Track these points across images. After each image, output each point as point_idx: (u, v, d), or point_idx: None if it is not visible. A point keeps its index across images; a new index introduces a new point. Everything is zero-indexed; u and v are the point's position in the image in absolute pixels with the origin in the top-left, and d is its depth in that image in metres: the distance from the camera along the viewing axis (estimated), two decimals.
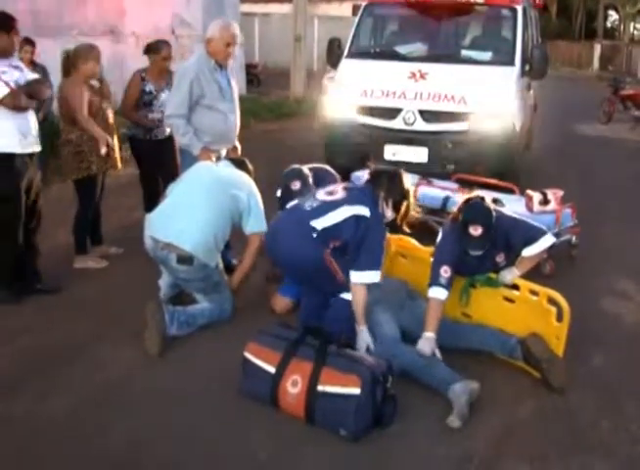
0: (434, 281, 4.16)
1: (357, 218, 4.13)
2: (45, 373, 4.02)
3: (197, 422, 3.59)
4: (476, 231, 4.17)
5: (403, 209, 4.38)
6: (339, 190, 4.32)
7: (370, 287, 4.16)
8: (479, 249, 4.25)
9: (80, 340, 4.43)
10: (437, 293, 4.12)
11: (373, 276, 4.12)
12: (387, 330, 4.20)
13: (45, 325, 4.63)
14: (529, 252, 4.35)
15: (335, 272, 4.19)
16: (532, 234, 4.38)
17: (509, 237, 4.36)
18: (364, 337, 4.13)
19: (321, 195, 4.33)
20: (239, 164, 5.04)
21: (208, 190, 4.67)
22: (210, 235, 4.52)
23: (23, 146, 4.73)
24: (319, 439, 3.45)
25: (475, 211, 4.28)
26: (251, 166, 5.10)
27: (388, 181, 4.34)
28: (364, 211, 4.15)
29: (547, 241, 4.36)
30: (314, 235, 4.13)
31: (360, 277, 4.12)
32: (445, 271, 4.15)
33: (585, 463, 3.36)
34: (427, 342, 4.00)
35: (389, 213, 4.33)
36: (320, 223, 4.14)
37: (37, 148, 4.88)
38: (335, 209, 4.17)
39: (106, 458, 3.28)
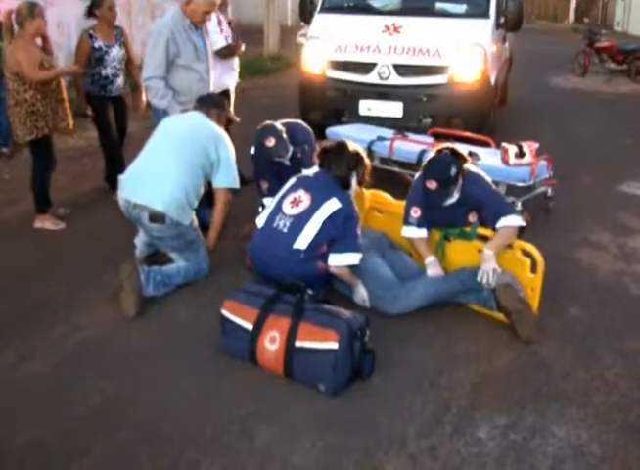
0: (406, 221, 4.53)
1: (332, 215, 4.07)
2: (24, 336, 3.99)
3: (176, 380, 3.60)
4: (430, 185, 4.25)
5: (362, 171, 4.35)
6: (302, 194, 4.18)
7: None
8: (436, 201, 4.34)
9: (57, 302, 4.40)
10: (409, 232, 4.53)
11: (352, 258, 4.12)
12: (384, 273, 4.35)
13: (21, 287, 4.59)
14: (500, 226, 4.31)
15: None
16: (502, 211, 4.30)
17: (481, 208, 4.39)
18: (361, 293, 4.28)
19: (287, 208, 4.16)
20: (209, 102, 4.90)
21: (177, 146, 4.59)
22: (182, 192, 4.46)
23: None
24: (298, 394, 3.47)
25: (432, 166, 4.33)
26: (223, 101, 5.01)
27: (334, 156, 4.28)
28: (334, 204, 4.08)
29: (512, 220, 4.27)
30: (302, 256, 4.04)
31: (340, 260, 4.10)
32: (415, 212, 4.47)
33: (561, 412, 3.41)
34: (431, 265, 4.40)
35: (355, 185, 4.33)
36: (302, 243, 4.03)
37: None
38: (308, 220, 4.06)
39: (87, 419, 3.28)
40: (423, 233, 4.50)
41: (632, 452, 3.13)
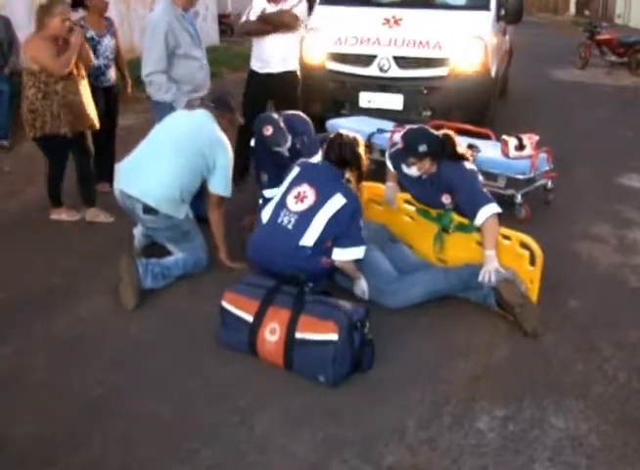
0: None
1: (337, 213, 4.04)
2: (23, 327, 4.00)
3: (175, 372, 3.61)
4: (400, 143, 4.45)
5: (364, 167, 4.37)
6: (306, 189, 4.14)
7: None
8: (396, 158, 4.63)
9: (57, 294, 4.41)
10: (388, 161, 4.86)
11: (357, 252, 4.10)
12: (384, 267, 4.36)
13: (20, 279, 4.60)
14: (478, 222, 4.26)
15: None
16: (476, 201, 4.24)
17: (454, 192, 4.36)
18: (361, 285, 4.29)
19: (292, 204, 4.12)
20: (223, 104, 4.81)
21: (177, 143, 4.52)
22: (175, 190, 4.43)
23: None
24: (298, 385, 3.48)
25: (416, 131, 4.48)
26: (232, 103, 4.90)
27: (346, 150, 4.27)
28: (340, 200, 4.06)
29: (489, 210, 4.20)
30: (309, 252, 4.01)
31: (345, 255, 4.09)
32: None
33: (560, 403, 3.41)
34: (388, 189, 4.89)
35: (354, 179, 4.35)
36: (309, 240, 4.00)
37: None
38: (314, 217, 4.03)
39: (87, 409, 3.29)
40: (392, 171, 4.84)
41: (631, 444, 3.14)
